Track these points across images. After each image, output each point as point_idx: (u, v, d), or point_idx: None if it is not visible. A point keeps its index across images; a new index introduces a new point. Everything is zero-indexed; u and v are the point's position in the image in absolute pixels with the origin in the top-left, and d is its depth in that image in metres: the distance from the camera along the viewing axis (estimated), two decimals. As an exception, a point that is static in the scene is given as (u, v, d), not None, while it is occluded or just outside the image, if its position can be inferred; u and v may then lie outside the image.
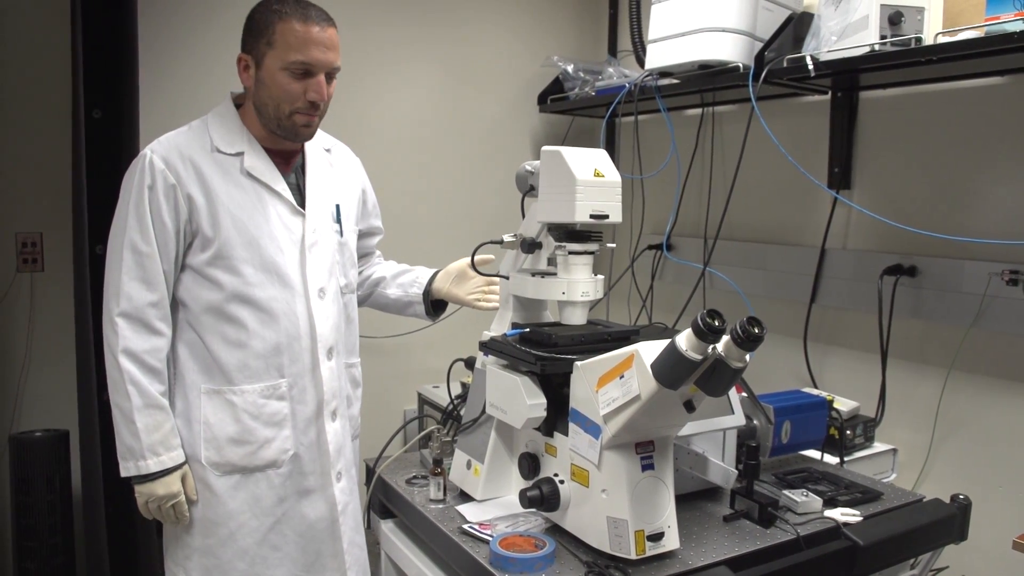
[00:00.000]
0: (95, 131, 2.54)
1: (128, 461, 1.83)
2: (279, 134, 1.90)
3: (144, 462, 1.81)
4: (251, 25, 1.85)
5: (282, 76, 1.82)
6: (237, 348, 1.87)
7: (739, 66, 2.57)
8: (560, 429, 1.69)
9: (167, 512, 1.86)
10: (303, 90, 1.84)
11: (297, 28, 1.79)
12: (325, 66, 1.84)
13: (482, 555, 1.61)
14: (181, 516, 1.87)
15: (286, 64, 1.81)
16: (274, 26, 1.80)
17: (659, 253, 3.34)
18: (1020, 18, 1.91)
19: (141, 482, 1.83)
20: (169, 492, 1.83)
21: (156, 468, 1.82)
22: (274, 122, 1.88)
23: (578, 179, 1.72)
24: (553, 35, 3.72)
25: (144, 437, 1.80)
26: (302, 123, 1.88)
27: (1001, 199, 2.35)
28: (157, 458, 1.82)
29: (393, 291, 2.27)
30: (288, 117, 1.86)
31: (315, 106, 1.87)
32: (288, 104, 1.84)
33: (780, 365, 2.95)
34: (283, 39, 1.80)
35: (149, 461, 1.81)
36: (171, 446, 1.84)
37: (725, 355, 1.40)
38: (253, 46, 1.84)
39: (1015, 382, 2.33)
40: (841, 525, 1.76)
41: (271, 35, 1.81)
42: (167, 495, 1.83)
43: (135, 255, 1.82)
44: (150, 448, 1.81)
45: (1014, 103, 2.32)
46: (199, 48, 2.89)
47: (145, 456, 1.81)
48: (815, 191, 2.80)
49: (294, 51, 1.80)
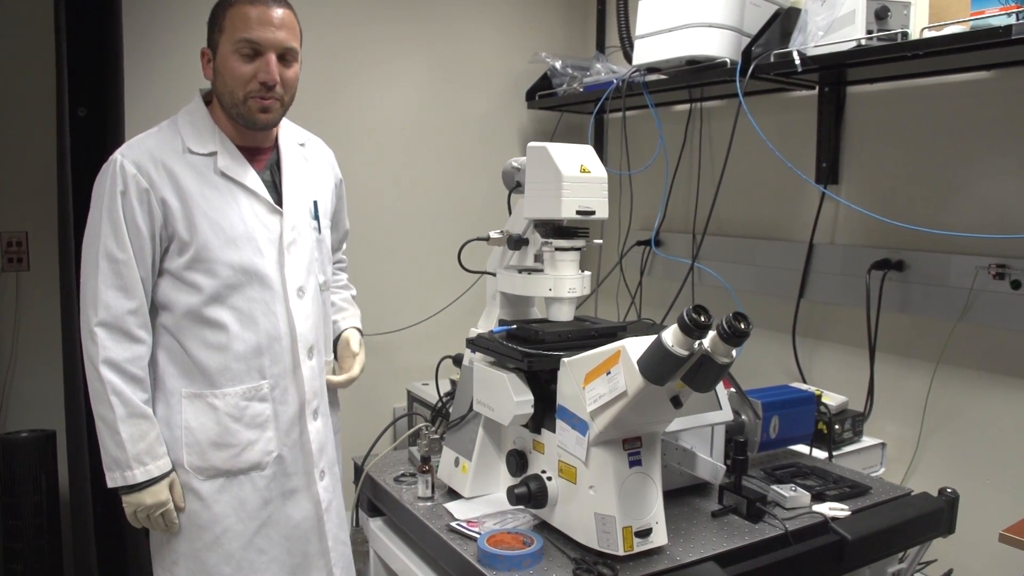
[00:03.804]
0: (80, 129, 2.52)
1: (114, 472, 1.80)
2: (240, 123, 1.86)
3: (131, 472, 1.78)
4: (210, 18, 1.85)
5: (232, 59, 1.79)
6: (218, 351, 1.84)
7: (726, 61, 2.57)
8: (547, 426, 1.70)
9: (156, 521, 1.83)
10: (253, 72, 1.80)
11: (244, 9, 1.78)
12: (273, 45, 1.80)
13: (470, 552, 1.61)
14: (171, 524, 1.84)
15: (234, 46, 1.78)
16: (225, 12, 1.80)
17: (647, 249, 3.34)
18: (1005, 13, 1.91)
19: (128, 492, 1.80)
20: (157, 501, 1.81)
21: (143, 478, 1.79)
22: (233, 110, 1.84)
23: (564, 175, 1.72)
24: (541, 31, 3.72)
25: (129, 447, 1.77)
26: (257, 108, 1.83)
27: (987, 193, 2.36)
28: (144, 467, 1.79)
29: None
30: (243, 103, 1.82)
31: (267, 87, 1.82)
32: (241, 88, 1.80)
33: (769, 360, 2.96)
34: (231, 22, 1.78)
35: (136, 471, 1.78)
36: (157, 455, 1.81)
37: (711, 350, 1.40)
38: (210, 36, 1.84)
39: (1002, 375, 2.34)
40: (829, 520, 1.77)
41: (222, 21, 1.80)
42: (155, 504, 1.80)
43: (111, 263, 1.78)
44: (136, 458, 1.78)
45: (1000, 97, 2.33)
46: (184, 46, 2.87)
47: (131, 466, 1.78)
48: (803, 186, 2.81)
49: (240, 30, 1.77)
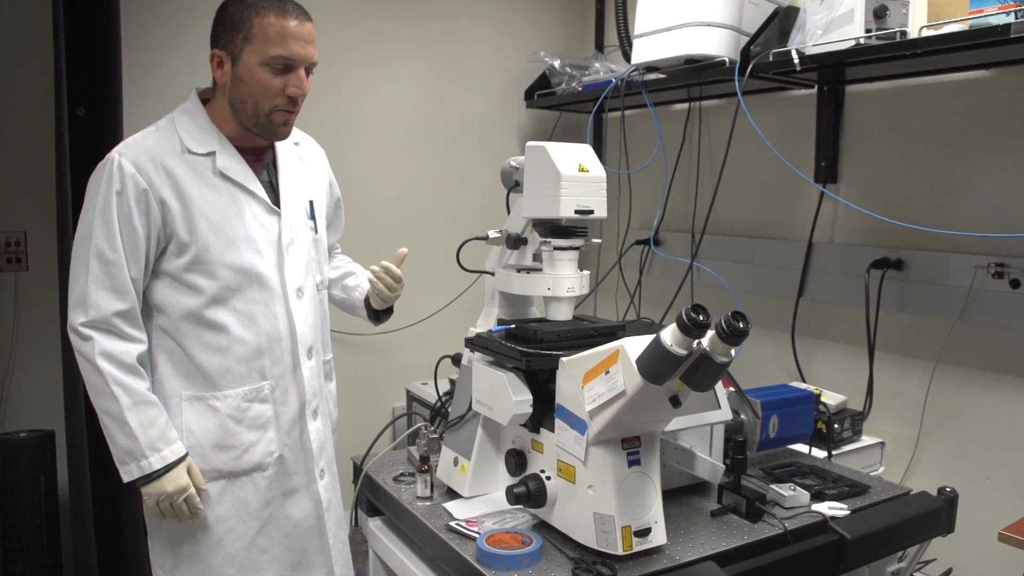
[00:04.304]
0: (78, 129, 2.51)
1: (129, 464, 1.76)
2: (255, 132, 1.87)
3: (146, 461, 1.75)
4: (225, 19, 1.81)
5: (261, 72, 1.78)
6: (219, 353, 1.84)
7: (725, 60, 2.57)
8: (546, 425, 1.69)
9: (180, 508, 1.79)
10: (283, 86, 1.80)
11: (276, 22, 1.76)
12: (304, 60, 1.81)
13: (469, 552, 1.61)
14: (195, 509, 1.80)
15: (266, 59, 1.77)
16: (251, 20, 1.76)
17: (647, 248, 3.34)
18: (1004, 12, 1.91)
19: (147, 482, 1.76)
20: (178, 487, 1.77)
21: (160, 464, 1.75)
22: (252, 120, 1.84)
23: (563, 174, 1.71)
24: (540, 30, 3.72)
25: (141, 435, 1.74)
26: (280, 121, 1.85)
27: (986, 192, 2.36)
28: (159, 454, 1.75)
29: (337, 293, 2.24)
30: (267, 115, 1.83)
31: (294, 102, 1.83)
32: (268, 101, 1.81)
33: (768, 359, 2.96)
34: (262, 33, 1.76)
35: (151, 459, 1.75)
36: (170, 439, 1.78)
37: (710, 350, 1.39)
38: (228, 41, 1.80)
39: (1001, 374, 2.34)
40: (828, 519, 1.77)
41: (248, 30, 1.77)
42: (177, 490, 1.77)
43: (102, 263, 1.77)
44: (149, 445, 1.75)
45: (999, 96, 2.33)
46: (182, 45, 2.86)
47: (146, 454, 1.75)
48: (802, 185, 2.81)
49: (274, 45, 1.76)
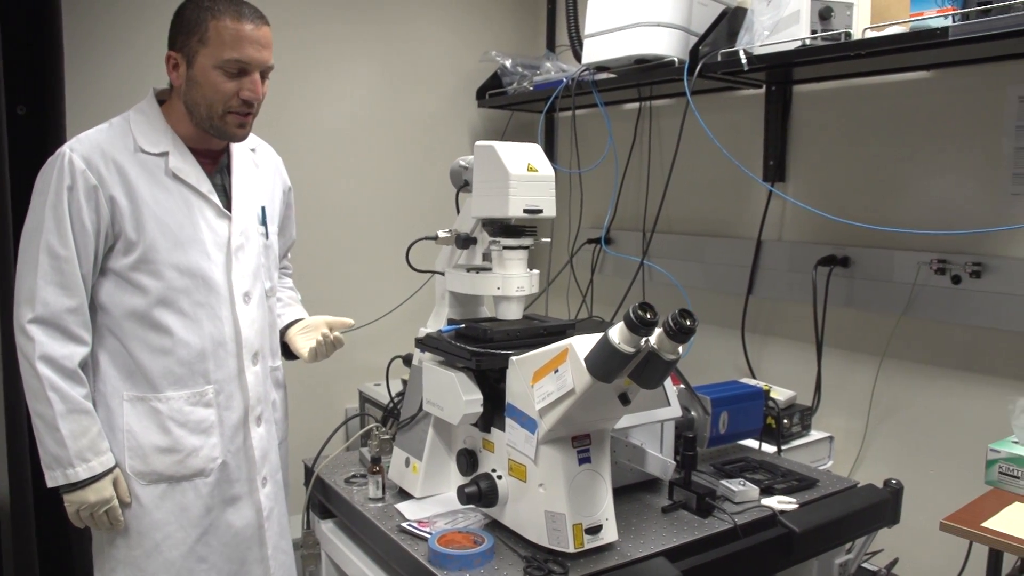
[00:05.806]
0: (19, 128, 2.47)
1: (55, 470, 1.76)
2: (212, 134, 1.85)
3: (72, 470, 1.74)
4: (181, 22, 1.79)
5: (215, 75, 1.77)
6: (162, 354, 1.82)
7: (674, 60, 2.59)
8: (497, 425, 1.69)
9: (100, 519, 1.79)
10: (237, 89, 1.79)
11: (231, 26, 1.75)
12: (260, 64, 1.80)
13: (421, 553, 1.60)
14: (116, 521, 1.80)
15: (220, 62, 1.75)
16: (207, 23, 1.75)
17: (598, 247, 3.35)
18: (942, 15, 1.95)
19: (70, 490, 1.76)
20: (101, 498, 1.77)
21: (86, 475, 1.75)
22: (207, 122, 1.82)
23: (511, 174, 1.71)
24: (491, 30, 3.72)
25: (71, 444, 1.73)
26: (236, 124, 1.83)
27: (928, 190, 2.41)
28: (86, 464, 1.75)
29: None
30: (221, 117, 1.81)
31: (249, 105, 1.82)
32: (221, 104, 1.79)
33: (718, 356, 2.99)
34: (217, 37, 1.74)
35: (78, 468, 1.74)
36: (100, 450, 1.77)
37: (658, 347, 1.40)
38: (184, 44, 1.78)
39: (944, 368, 2.40)
40: (778, 513, 1.79)
41: (203, 32, 1.75)
42: (99, 501, 1.77)
43: (52, 259, 1.74)
44: (78, 454, 1.74)
45: (939, 97, 2.38)
46: (128, 44, 2.81)
47: (73, 463, 1.74)
48: (751, 184, 2.84)
49: (229, 49, 1.75)
